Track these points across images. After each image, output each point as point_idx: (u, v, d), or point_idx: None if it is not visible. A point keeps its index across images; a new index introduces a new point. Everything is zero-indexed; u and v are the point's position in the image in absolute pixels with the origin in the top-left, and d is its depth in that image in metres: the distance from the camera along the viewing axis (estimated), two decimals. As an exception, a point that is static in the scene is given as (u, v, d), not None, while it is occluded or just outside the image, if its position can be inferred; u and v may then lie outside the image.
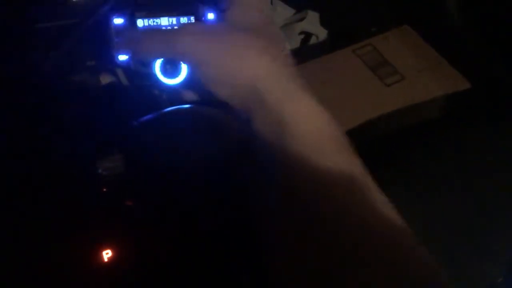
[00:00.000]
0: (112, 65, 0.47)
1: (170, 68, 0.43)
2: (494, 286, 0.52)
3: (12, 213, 0.38)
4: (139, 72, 0.44)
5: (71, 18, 0.46)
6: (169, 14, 0.44)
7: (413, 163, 0.63)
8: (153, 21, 0.44)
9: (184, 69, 0.43)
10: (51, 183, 0.38)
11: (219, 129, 0.39)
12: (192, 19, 0.44)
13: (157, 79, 0.44)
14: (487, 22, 0.77)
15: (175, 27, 0.43)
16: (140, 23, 0.44)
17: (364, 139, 0.66)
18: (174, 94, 0.46)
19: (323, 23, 0.81)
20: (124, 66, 0.45)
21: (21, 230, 0.37)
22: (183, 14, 0.44)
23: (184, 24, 0.43)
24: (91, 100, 0.46)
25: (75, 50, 0.47)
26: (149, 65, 0.43)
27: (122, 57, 0.44)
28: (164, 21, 0.44)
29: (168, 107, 0.44)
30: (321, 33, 0.81)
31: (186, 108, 0.41)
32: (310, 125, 0.35)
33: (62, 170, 0.39)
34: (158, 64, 0.43)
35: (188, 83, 0.44)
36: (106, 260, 0.38)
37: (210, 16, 0.44)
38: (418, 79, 0.74)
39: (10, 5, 0.45)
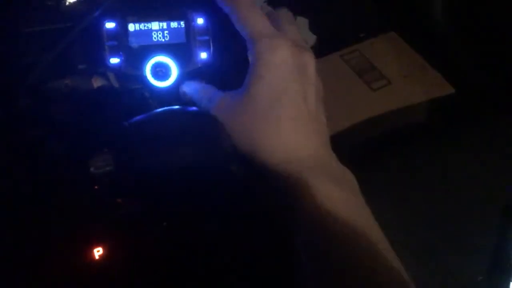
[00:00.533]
0: (103, 69, 0.48)
1: (161, 71, 0.44)
2: (475, 284, 0.54)
3: (3, 212, 0.38)
4: (130, 75, 0.45)
5: (63, 22, 0.47)
6: (159, 19, 0.45)
7: (398, 165, 0.64)
8: (144, 26, 0.45)
9: (174, 73, 0.44)
10: (43, 181, 0.39)
11: (207, 131, 0.40)
12: (182, 24, 0.45)
13: (147, 82, 0.45)
14: (471, 29, 0.79)
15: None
16: (131, 27, 0.45)
17: (350, 142, 0.68)
18: (163, 97, 0.47)
19: (312, 28, 0.82)
20: (115, 69, 0.46)
21: (11, 228, 0.38)
22: (173, 19, 0.45)
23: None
24: (83, 102, 0.47)
25: (67, 54, 0.48)
26: (140, 68, 0.44)
27: (114, 60, 0.45)
28: (154, 26, 0.45)
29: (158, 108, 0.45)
30: (310, 39, 0.83)
31: (176, 110, 0.42)
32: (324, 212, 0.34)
33: (54, 169, 0.40)
34: (149, 67, 0.44)
35: (177, 86, 0.45)
36: (97, 257, 0.39)
37: (200, 21, 0.46)
38: (403, 84, 0.76)
39: (2, 9, 0.46)
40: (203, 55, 0.46)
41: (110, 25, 0.44)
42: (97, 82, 0.51)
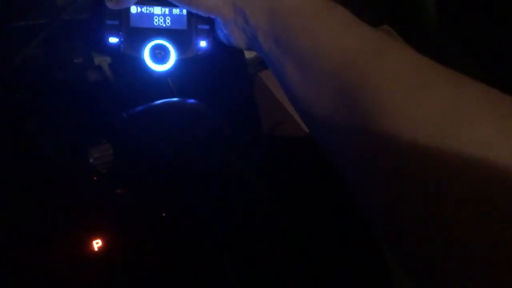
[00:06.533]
0: (103, 48, 0.47)
1: (159, 54, 0.44)
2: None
3: (2, 203, 0.38)
4: (129, 56, 0.45)
5: (58, 16, 0.46)
6: (162, 4, 0.45)
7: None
8: (147, 9, 0.45)
9: (172, 57, 0.44)
10: (42, 172, 0.39)
11: (204, 121, 0.41)
12: (184, 11, 0.45)
13: (145, 65, 0.44)
14: (463, 23, 0.80)
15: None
16: (133, 9, 0.44)
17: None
18: (160, 89, 0.47)
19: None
20: (114, 49, 0.45)
21: (10, 219, 0.38)
22: (176, 6, 0.45)
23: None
24: (80, 94, 0.47)
25: (62, 48, 0.48)
26: (138, 49, 0.44)
27: (113, 40, 0.44)
28: (157, 10, 0.45)
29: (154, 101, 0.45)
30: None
31: (175, 101, 0.42)
32: None
33: (53, 160, 0.40)
34: (147, 49, 0.44)
35: (176, 71, 0.45)
36: (96, 249, 0.39)
37: None
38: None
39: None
40: (202, 44, 0.46)
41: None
42: (92, 76, 0.51)
